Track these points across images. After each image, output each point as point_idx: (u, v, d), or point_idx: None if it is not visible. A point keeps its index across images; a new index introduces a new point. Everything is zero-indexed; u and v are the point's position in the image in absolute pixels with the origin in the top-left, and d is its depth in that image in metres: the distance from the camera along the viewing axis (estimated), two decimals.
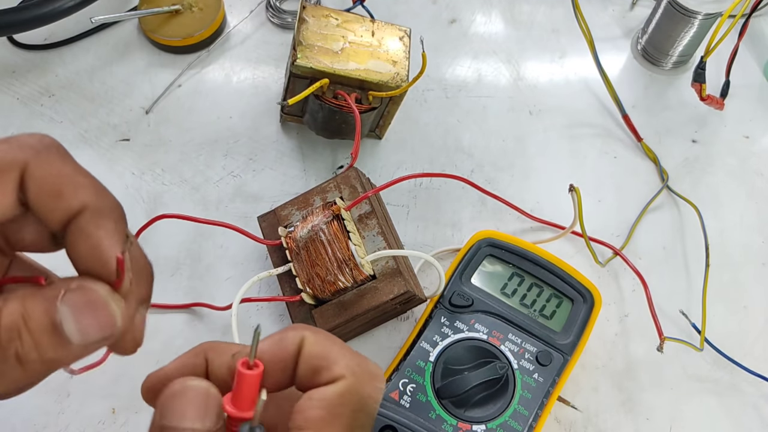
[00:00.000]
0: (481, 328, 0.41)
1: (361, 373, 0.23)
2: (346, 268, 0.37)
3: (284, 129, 0.52)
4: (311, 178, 0.50)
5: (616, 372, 0.44)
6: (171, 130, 0.52)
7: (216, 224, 0.40)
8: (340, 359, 0.23)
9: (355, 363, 0.23)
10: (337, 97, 0.44)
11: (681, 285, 0.48)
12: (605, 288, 0.47)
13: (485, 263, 0.44)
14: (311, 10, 0.45)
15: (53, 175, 0.22)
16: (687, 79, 0.56)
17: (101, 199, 0.22)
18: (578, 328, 0.41)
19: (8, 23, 0.48)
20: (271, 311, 0.45)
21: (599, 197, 0.51)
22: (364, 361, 0.24)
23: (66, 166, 0.22)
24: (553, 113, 0.54)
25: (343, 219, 0.38)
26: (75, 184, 0.22)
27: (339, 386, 0.23)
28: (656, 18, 0.55)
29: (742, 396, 0.44)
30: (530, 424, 0.38)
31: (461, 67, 0.56)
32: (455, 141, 0.52)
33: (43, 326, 0.20)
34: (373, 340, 0.45)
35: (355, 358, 0.24)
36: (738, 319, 0.47)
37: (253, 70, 0.55)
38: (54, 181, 0.21)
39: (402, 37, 0.47)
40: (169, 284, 0.46)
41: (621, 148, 0.53)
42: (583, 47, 0.53)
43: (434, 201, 0.50)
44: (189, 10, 0.54)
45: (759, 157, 0.53)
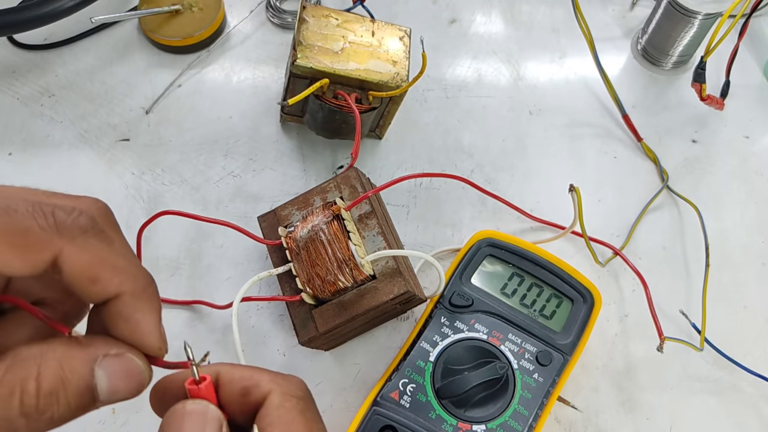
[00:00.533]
0: (481, 328, 0.41)
1: (284, 381, 0.25)
2: (346, 268, 0.37)
3: (284, 129, 0.52)
4: (311, 178, 0.50)
5: (616, 372, 0.44)
6: (171, 130, 0.51)
7: (216, 222, 0.40)
8: (263, 376, 0.24)
9: (275, 376, 0.25)
10: (337, 97, 0.44)
11: (681, 285, 0.48)
12: (605, 288, 0.47)
13: (485, 263, 0.44)
14: (311, 10, 0.45)
15: (89, 261, 0.22)
16: (687, 79, 0.56)
17: (137, 282, 0.23)
18: (578, 328, 0.41)
19: (8, 23, 0.48)
20: (271, 311, 0.45)
21: (599, 197, 0.51)
22: (281, 374, 0.25)
23: (103, 250, 0.22)
24: (553, 113, 0.54)
25: (343, 219, 0.38)
26: (112, 270, 0.22)
27: (278, 395, 0.24)
28: (656, 18, 0.55)
29: (742, 396, 0.44)
30: (530, 424, 0.38)
31: (461, 67, 0.56)
32: (455, 141, 0.52)
33: (80, 390, 0.21)
34: (373, 340, 0.45)
35: (272, 373, 0.25)
36: (738, 319, 0.47)
37: (253, 70, 0.55)
38: (89, 268, 0.22)
39: (402, 37, 0.47)
40: (170, 284, 0.46)
41: (621, 148, 0.53)
42: (583, 47, 0.53)
43: (434, 201, 0.50)
44: (189, 10, 0.54)
45: (759, 157, 0.53)
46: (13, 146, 0.49)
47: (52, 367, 0.21)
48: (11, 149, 0.49)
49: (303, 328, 0.38)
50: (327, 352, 0.44)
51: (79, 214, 0.22)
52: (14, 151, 0.49)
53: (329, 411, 0.42)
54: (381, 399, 0.39)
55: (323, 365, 0.44)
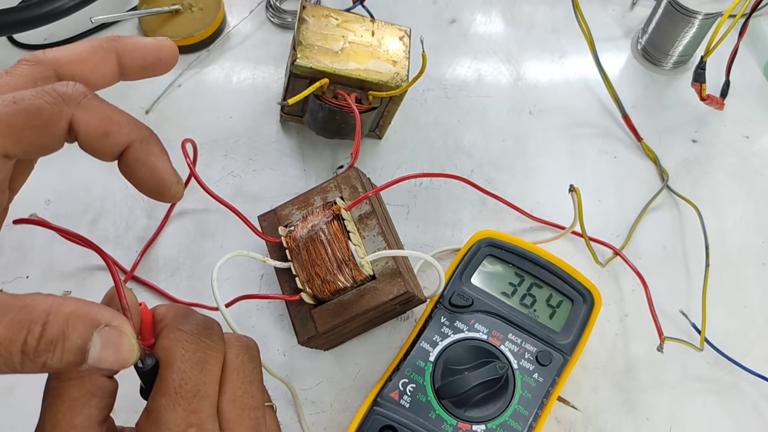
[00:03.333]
0: (481, 328, 0.41)
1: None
2: (345, 268, 0.37)
3: (284, 129, 0.52)
4: (311, 178, 0.50)
5: (616, 372, 0.44)
6: (171, 130, 0.51)
7: (222, 203, 0.39)
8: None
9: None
10: (337, 97, 0.44)
11: (681, 285, 0.48)
12: (605, 288, 0.47)
13: (485, 263, 0.44)
14: (311, 10, 0.45)
15: (98, 119, 0.25)
16: (687, 79, 0.56)
17: (142, 130, 0.26)
18: (578, 328, 0.41)
19: (8, 23, 0.48)
20: (270, 311, 0.45)
21: (599, 197, 0.51)
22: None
23: (106, 109, 0.25)
24: (553, 113, 0.54)
25: (343, 219, 0.38)
26: (118, 123, 0.25)
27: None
28: (656, 18, 0.55)
29: (742, 396, 0.44)
30: (530, 424, 0.38)
31: (461, 67, 0.56)
32: (455, 141, 0.52)
33: (75, 347, 0.23)
34: (373, 340, 0.45)
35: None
36: (738, 319, 0.47)
37: (253, 70, 0.55)
38: (100, 125, 0.25)
39: (402, 37, 0.47)
40: (170, 284, 0.46)
41: (621, 148, 0.53)
42: (583, 47, 0.53)
43: (434, 201, 0.50)
44: (189, 10, 0.54)
45: (759, 157, 0.53)
46: None
47: (59, 319, 0.22)
48: None
49: (302, 327, 0.38)
50: (327, 351, 0.44)
51: (74, 84, 0.25)
52: None
53: (329, 411, 0.42)
54: (381, 399, 0.39)
55: (323, 365, 0.44)
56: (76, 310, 0.23)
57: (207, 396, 0.26)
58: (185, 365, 0.25)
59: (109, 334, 0.23)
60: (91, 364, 0.23)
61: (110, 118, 0.25)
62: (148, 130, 0.27)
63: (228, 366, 0.27)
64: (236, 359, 0.27)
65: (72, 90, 0.24)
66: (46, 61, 0.26)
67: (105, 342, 0.23)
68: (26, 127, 0.23)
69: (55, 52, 0.27)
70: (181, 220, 0.48)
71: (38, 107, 0.23)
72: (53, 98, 0.24)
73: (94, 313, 0.23)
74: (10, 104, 0.23)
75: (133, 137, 0.26)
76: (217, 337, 0.27)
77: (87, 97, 0.25)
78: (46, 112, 0.24)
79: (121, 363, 0.24)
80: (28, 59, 0.26)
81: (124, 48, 0.28)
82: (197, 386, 0.25)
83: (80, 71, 0.27)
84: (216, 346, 0.27)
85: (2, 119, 0.23)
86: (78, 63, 0.27)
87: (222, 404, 0.26)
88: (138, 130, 0.26)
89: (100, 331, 0.23)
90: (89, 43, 0.27)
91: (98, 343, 0.23)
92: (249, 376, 0.28)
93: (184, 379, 0.25)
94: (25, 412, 0.42)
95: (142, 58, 0.28)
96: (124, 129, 0.25)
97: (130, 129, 0.26)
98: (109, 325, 0.23)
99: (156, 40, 0.29)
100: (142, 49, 0.28)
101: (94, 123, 0.25)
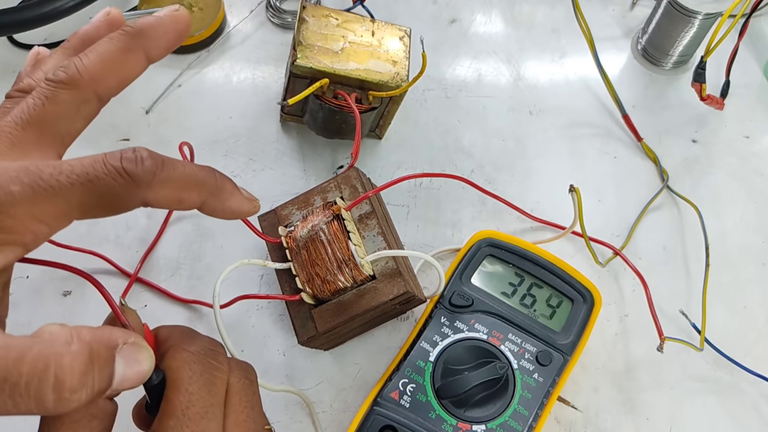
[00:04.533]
0: (481, 328, 0.41)
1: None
2: (345, 268, 0.37)
3: (284, 129, 0.52)
4: (311, 178, 0.50)
5: (616, 372, 0.44)
6: (171, 130, 0.51)
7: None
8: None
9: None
10: (337, 97, 0.44)
11: (681, 285, 0.48)
12: (605, 288, 0.47)
13: (485, 263, 0.44)
14: (311, 10, 0.45)
15: (169, 194, 0.25)
16: (687, 79, 0.56)
17: (209, 183, 0.26)
18: (578, 328, 0.41)
19: (8, 23, 0.48)
20: (271, 311, 0.45)
21: (599, 197, 0.51)
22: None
23: (175, 180, 0.25)
24: (553, 113, 0.54)
25: (344, 219, 0.38)
26: (188, 189, 0.25)
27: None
28: (656, 18, 0.55)
29: (742, 396, 0.44)
30: (530, 424, 0.38)
31: (461, 67, 0.56)
32: (455, 141, 0.52)
33: (104, 374, 0.22)
34: (373, 340, 0.45)
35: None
36: (738, 319, 0.47)
37: (253, 70, 0.55)
38: (171, 197, 0.25)
39: (402, 37, 0.47)
40: (170, 284, 0.46)
41: (621, 148, 0.53)
42: (583, 47, 0.53)
43: (434, 201, 0.50)
44: (189, 10, 0.54)
45: (759, 157, 0.53)
46: None
47: (84, 347, 0.21)
48: None
49: (302, 327, 0.38)
50: (327, 352, 0.44)
51: (142, 160, 0.24)
52: None
53: (329, 411, 0.42)
54: (381, 399, 0.39)
55: (323, 365, 0.44)
56: (94, 335, 0.22)
57: (214, 418, 0.25)
58: (193, 387, 0.25)
59: (129, 351, 0.23)
60: (114, 388, 0.23)
61: (180, 188, 0.25)
62: (214, 177, 0.27)
63: (231, 389, 0.27)
64: (238, 383, 0.27)
65: (143, 172, 0.24)
66: (83, 84, 0.26)
67: (127, 360, 0.23)
68: (98, 205, 0.23)
69: (89, 69, 0.26)
70: (181, 220, 0.48)
71: (111, 190, 0.23)
72: (126, 181, 0.23)
73: (110, 334, 0.23)
74: (85, 182, 0.23)
75: (203, 197, 0.26)
76: (222, 359, 0.27)
77: (157, 174, 0.24)
78: (119, 196, 0.23)
79: (142, 377, 0.24)
80: (65, 82, 0.25)
81: (150, 43, 0.27)
82: (205, 408, 0.25)
83: (116, 83, 0.27)
84: (222, 368, 0.27)
85: (75, 197, 0.23)
86: (113, 76, 0.27)
87: (226, 427, 0.26)
88: (206, 186, 0.26)
89: (120, 351, 0.23)
90: (116, 47, 0.26)
91: (121, 364, 0.23)
92: (251, 400, 0.28)
93: (192, 401, 0.25)
94: None
95: (167, 44, 0.28)
96: (194, 193, 0.26)
97: (200, 190, 0.26)
98: (126, 342, 0.23)
99: (171, 17, 0.28)
100: (164, 35, 0.28)
101: (166, 198, 0.25)
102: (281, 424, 0.42)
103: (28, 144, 0.24)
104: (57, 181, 0.22)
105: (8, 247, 0.22)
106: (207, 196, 0.26)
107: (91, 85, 0.26)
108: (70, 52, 0.29)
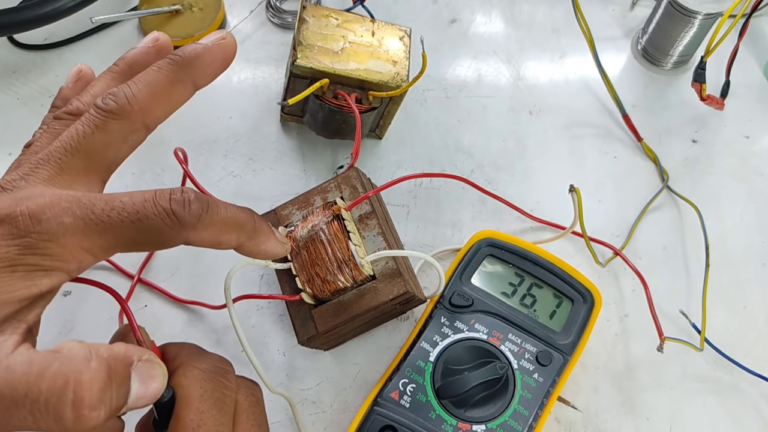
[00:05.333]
0: (481, 328, 0.41)
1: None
2: (345, 268, 0.37)
3: (284, 129, 0.52)
4: (311, 178, 0.50)
5: (616, 372, 0.44)
6: (171, 130, 0.51)
7: None
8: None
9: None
10: (337, 97, 0.44)
11: (681, 285, 0.48)
12: (605, 288, 0.47)
13: (485, 263, 0.44)
14: (311, 10, 0.45)
15: (210, 236, 0.26)
16: (687, 79, 0.56)
17: (248, 227, 0.27)
18: (578, 328, 0.41)
19: (8, 23, 0.48)
20: (271, 311, 0.45)
21: (599, 197, 0.51)
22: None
23: (217, 223, 0.26)
24: (553, 113, 0.54)
25: (344, 219, 0.38)
26: (228, 232, 0.26)
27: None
28: (656, 18, 0.55)
29: (742, 396, 0.44)
30: (530, 424, 0.38)
31: (461, 67, 0.56)
32: (455, 141, 0.52)
33: (122, 391, 0.22)
34: (373, 340, 0.45)
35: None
36: (738, 319, 0.47)
37: (253, 70, 0.55)
38: (212, 239, 0.26)
39: (402, 37, 0.47)
40: (170, 284, 0.46)
41: (621, 148, 0.53)
42: (583, 47, 0.53)
43: (434, 201, 0.50)
44: (189, 10, 0.54)
45: (759, 157, 0.53)
46: (13, 146, 0.49)
47: (103, 364, 0.22)
48: (11, 149, 0.49)
49: (302, 327, 0.38)
50: (327, 352, 0.44)
51: (189, 203, 0.25)
52: (14, 151, 0.49)
53: (329, 411, 0.42)
54: (381, 399, 0.39)
55: (323, 365, 0.44)
56: (111, 352, 0.22)
57: None
58: (204, 405, 0.25)
59: (143, 368, 0.23)
60: (129, 405, 0.23)
61: (222, 232, 0.26)
62: (253, 221, 0.28)
63: (239, 407, 0.27)
64: (245, 401, 0.28)
65: (189, 216, 0.25)
66: (133, 115, 0.26)
67: (141, 377, 0.23)
68: (144, 242, 0.24)
69: (139, 100, 0.26)
70: None
71: (159, 229, 0.24)
72: (173, 222, 0.24)
73: (126, 351, 0.23)
74: (135, 221, 0.23)
75: (242, 240, 0.27)
76: (232, 377, 0.27)
77: (201, 218, 0.25)
78: (165, 235, 0.24)
79: (156, 394, 0.24)
80: (114, 112, 0.26)
81: (198, 72, 0.28)
82: (216, 426, 0.25)
83: (164, 113, 0.28)
84: (232, 386, 0.27)
85: (124, 233, 0.23)
86: (161, 106, 0.27)
87: None
88: (245, 230, 0.27)
89: (135, 368, 0.23)
90: (165, 78, 0.27)
91: (136, 381, 0.23)
92: (258, 419, 0.28)
93: (203, 419, 0.25)
94: None
95: (214, 72, 0.29)
96: (233, 235, 0.27)
97: (239, 234, 0.27)
98: (141, 359, 0.23)
99: (219, 46, 0.29)
100: (211, 64, 0.28)
101: (207, 240, 0.26)
102: (280, 424, 0.42)
103: (77, 171, 0.25)
104: (108, 216, 0.23)
105: (56, 273, 0.23)
106: (245, 240, 0.27)
107: (140, 116, 0.26)
108: (119, 77, 0.29)
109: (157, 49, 0.30)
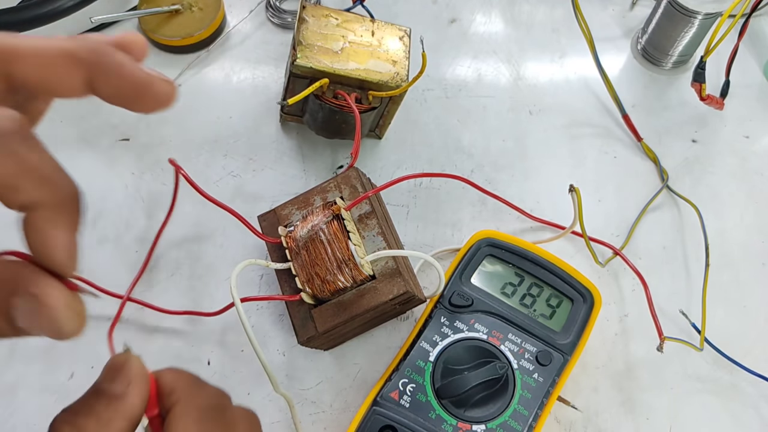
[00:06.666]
0: (481, 328, 0.41)
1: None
2: (345, 268, 0.37)
3: (284, 129, 0.52)
4: (311, 178, 0.50)
5: (616, 372, 0.44)
6: (171, 130, 0.51)
7: (221, 206, 0.39)
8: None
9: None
10: (337, 97, 0.44)
11: (681, 285, 0.48)
12: (605, 288, 0.47)
13: (485, 263, 0.44)
14: (311, 10, 0.45)
15: (12, 168, 0.20)
16: (687, 79, 0.56)
17: (57, 193, 0.21)
18: (578, 328, 0.41)
19: (8, 23, 0.48)
20: (270, 311, 0.45)
21: (599, 197, 0.51)
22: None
23: (29, 156, 0.21)
24: (553, 113, 0.54)
25: (343, 219, 0.38)
26: (32, 179, 0.20)
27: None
28: (656, 18, 0.55)
29: (742, 396, 0.44)
30: (530, 424, 0.38)
31: (461, 67, 0.56)
32: (455, 141, 0.52)
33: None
34: (373, 340, 0.45)
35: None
36: (738, 319, 0.47)
37: (253, 70, 0.55)
38: (11, 176, 0.20)
39: (402, 37, 0.47)
40: (170, 284, 0.46)
41: (621, 148, 0.53)
42: (583, 47, 0.53)
43: (434, 201, 0.50)
44: (189, 10, 0.54)
45: (759, 157, 0.53)
46: None
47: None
48: None
49: (302, 327, 0.38)
50: (327, 352, 0.44)
51: (3, 118, 0.20)
52: None
53: (329, 411, 0.42)
54: (381, 399, 0.39)
55: (323, 365, 0.44)
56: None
57: None
58: None
59: (27, 303, 0.21)
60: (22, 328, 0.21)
61: (29, 170, 0.21)
62: (71, 192, 0.22)
63: None
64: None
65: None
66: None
67: (26, 311, 0.21)
68: None
69: (17, 44, 0.22)
70: (181, 219, 0.48)
71: None
72: None
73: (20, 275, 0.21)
74: None
75: (40, 200, 0.21)
76: (230, 413, 0.26)
77: (11, 138, 0.20)
78: None
79: (53, 334, 0.22)
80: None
81: (100, 70, 0.22)
82: None
83: (37, 76, 0.22)
84: (231, 423, 0.26)
85: None
86: (37, 66, 0.22)
87: None
88: (53, 192, 0.21)
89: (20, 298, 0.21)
90: (64, 46, 0.22)
91: (25, 312, 0.21)
92: None
93: None
94: (25, 412, 0.42)
95: (118, 90, 0.23)
96: (35, 190, 0.21)
97: (43, 190, 0.21)
98: (27, 292, 0.21)
99: (148, 76, 0.23)
100: (121, 79, 0.23)
101: (5, 172, 0.20)
102: (280, 425, 0.42)
103: None
104: None
105: None
106: (47, 204, 0.21)
107: (5, 57, 0.22)
108: None
109: None
